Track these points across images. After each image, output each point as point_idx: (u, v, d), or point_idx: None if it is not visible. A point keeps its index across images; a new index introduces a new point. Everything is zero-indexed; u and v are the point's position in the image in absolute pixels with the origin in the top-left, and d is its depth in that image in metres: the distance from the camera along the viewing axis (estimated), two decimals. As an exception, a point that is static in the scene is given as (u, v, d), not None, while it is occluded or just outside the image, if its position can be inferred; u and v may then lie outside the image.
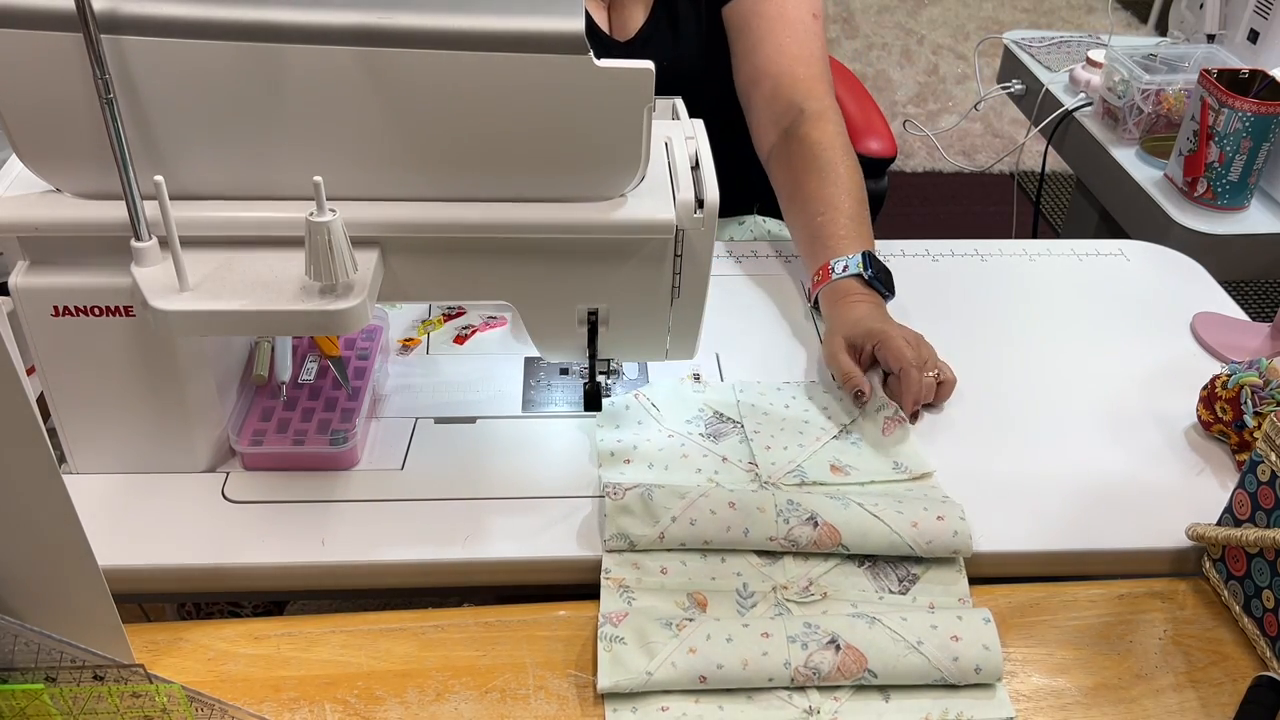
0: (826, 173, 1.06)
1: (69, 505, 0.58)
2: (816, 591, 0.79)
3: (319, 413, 0.89)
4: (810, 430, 0.93)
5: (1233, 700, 0.73)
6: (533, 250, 0.79)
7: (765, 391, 0.97)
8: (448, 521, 0.83)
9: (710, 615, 0.76)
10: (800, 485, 0.87)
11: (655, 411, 0.94)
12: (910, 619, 0.74)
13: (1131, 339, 1.07)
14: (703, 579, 0.79)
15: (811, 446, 0.91)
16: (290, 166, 0.73)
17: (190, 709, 0.61)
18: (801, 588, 0.79)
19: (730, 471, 0.88)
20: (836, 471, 0.88)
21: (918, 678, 0.72)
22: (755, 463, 0.89)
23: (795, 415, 0.94)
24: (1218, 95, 1.36)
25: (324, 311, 0.71)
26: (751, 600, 0.78)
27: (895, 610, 0.76)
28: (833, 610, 0.78)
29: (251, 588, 0.83)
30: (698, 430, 0.92)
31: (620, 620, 0.74)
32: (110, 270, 0.75)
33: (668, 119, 0.87)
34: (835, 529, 0.80)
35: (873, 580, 0.80)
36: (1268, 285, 2.51)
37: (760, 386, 0.98)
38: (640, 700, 0.71)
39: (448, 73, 0.69)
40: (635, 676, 0.71)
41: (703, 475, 0.87)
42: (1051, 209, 2.84)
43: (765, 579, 0.79)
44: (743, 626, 0.74)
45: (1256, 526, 0.77)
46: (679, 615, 0.75)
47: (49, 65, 0.68)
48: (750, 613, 0.77)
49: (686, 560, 0.80)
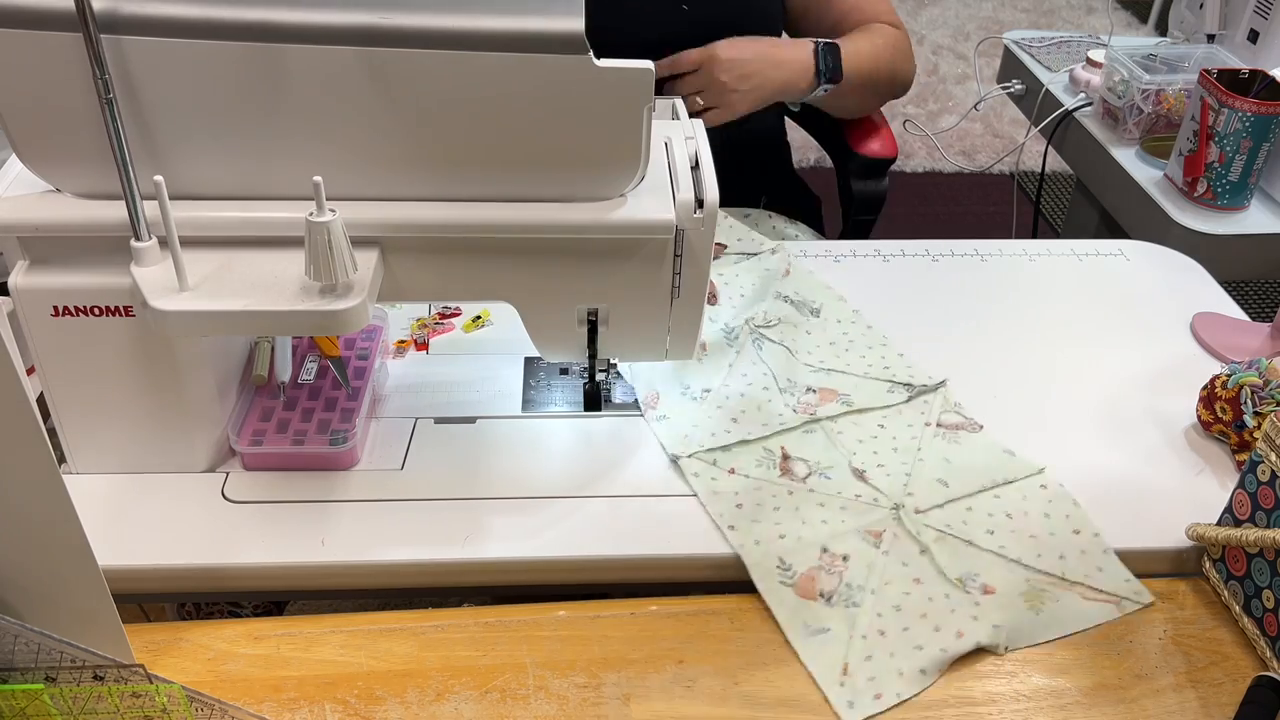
0: (869, 30, 1.25)
1: (69, 505, 0.58)
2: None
3: (319, 413, 0.89)
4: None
5: (1233, 700, 0.73)
6: (533, 250, 0.79)
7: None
8: (448, 521, 0.83)
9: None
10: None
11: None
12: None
13: (1131, 339, 1.06)
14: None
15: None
16: (290, 166, 0.73)
17: (190, 709, 0.61)
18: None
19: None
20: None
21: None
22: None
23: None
24: (1218, 95, 1.35)
25: (324, 311, 0.71)
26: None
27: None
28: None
29: (251, 588, 0.84)
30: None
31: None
32: (110, 270, 0.75)
33: (668, 119, 0.87)
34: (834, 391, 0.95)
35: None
36: (1268, 285, 2.51)
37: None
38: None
39: (448, 73, 0.69)
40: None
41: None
42: (1051, 209, 2.84)
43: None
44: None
45: (1256, 526, 0.77)
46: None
47: (49, 65, 0.68)
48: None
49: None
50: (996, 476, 0.87)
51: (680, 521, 0.84)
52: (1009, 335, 1.07)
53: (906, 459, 0.89)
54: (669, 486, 0.87)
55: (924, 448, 0.90)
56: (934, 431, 0.92)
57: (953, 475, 0.87)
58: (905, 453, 0.89)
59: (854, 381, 0.97)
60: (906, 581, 0.78)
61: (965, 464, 0.88)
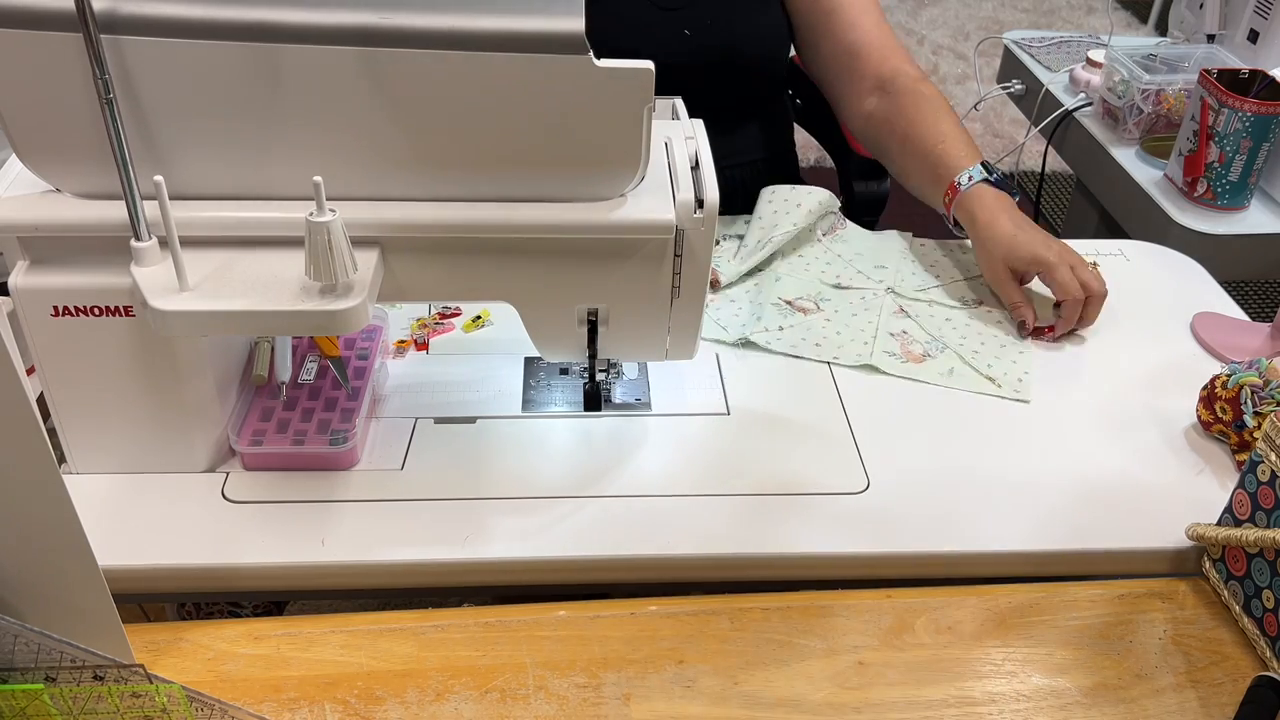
0: (939, 111, 1.17)
1: (69, 505, 0.58)
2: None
3: (319, 413, 0.89)
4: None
5: (1233, 700, 0.73)
6: (533, 250, 0.79)
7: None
8: (448, 521, 0.83)
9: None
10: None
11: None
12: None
13: (1131, 339, 1.06)
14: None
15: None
16: (290, 166, 0.73)
17: (190, 709, 0.61)
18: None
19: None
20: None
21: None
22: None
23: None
24: (1218, 95, 1.35)
25: (324, 311, 0.71)
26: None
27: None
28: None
29: (251, 588, 0.83)
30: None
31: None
32: (110, 270, 0.75)
33: (668, 119, 0.87)
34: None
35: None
36: (1268, 285, 2.51)
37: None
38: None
39: (448, 73, 0.69)
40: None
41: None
42: (1051, 209, 2.84)
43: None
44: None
45: (1256, 526, 0.77)
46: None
47: (49, 65, 0.68)
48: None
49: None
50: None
51: (680, 521, 0.84)
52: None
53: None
54: (669, 486, 0.87)
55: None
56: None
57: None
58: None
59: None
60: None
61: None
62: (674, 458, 0.90)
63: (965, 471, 0.90)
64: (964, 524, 0.85)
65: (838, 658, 0.75)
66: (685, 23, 1.20)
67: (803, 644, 0.76)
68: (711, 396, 0.97)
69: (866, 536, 0.83)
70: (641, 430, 0.93)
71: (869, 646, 0.76)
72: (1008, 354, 1.04)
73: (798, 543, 0.83)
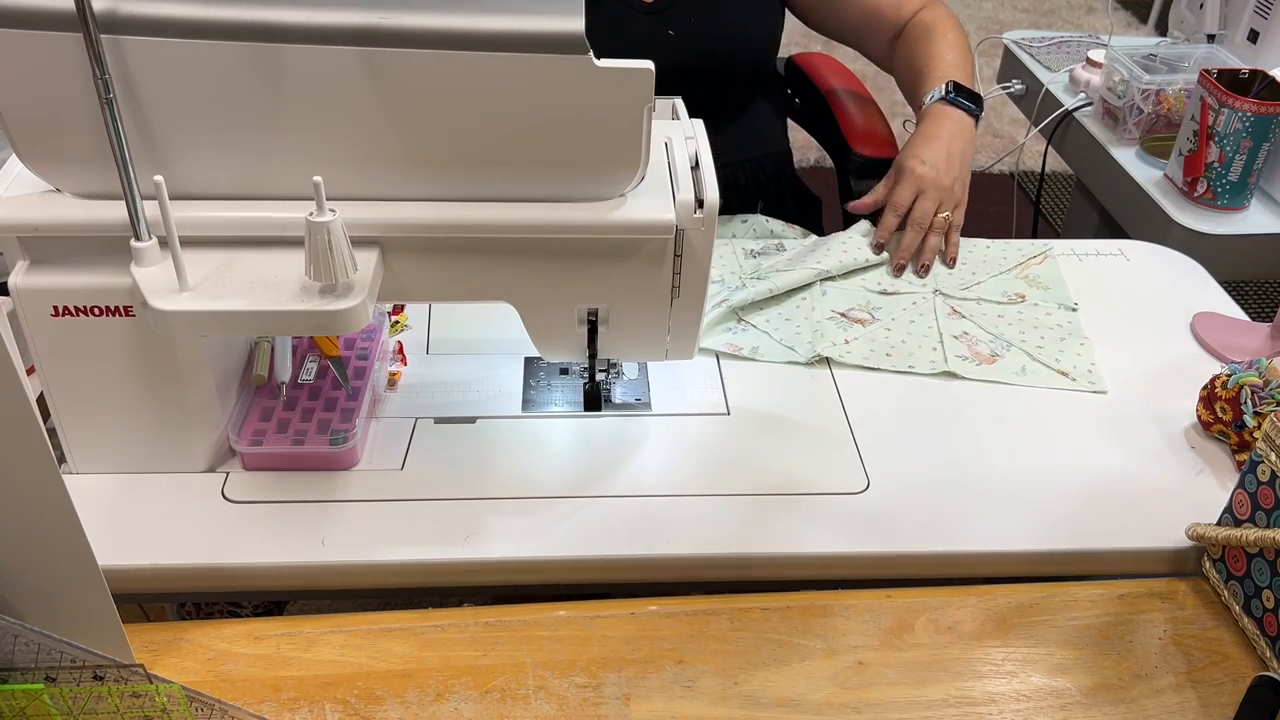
0: (936, 36, 1.23)
1: (69, 505, 0.58)
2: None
3: (319, 413, 0.89)
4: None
5: (1233, 700, 0.73)
6: (533, 250, 0.79)
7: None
8: (448, 521, 0.83)
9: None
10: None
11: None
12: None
13: (1131, 339, 1.06)
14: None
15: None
16: (290, 166, 0.73)
17: (190, 709, 0.61)
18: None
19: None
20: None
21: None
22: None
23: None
24: (1218, 95, 1.35)
25: (324, 311, 0.71)
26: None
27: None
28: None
29: (251, 588, 0.83)
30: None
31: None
32: (110, 270, 0.75)
33: (668, 119, 0.87)
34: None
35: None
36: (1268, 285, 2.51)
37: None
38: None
39: (448, 73, 0.69)
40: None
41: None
42: (1051, 209, 2.84)
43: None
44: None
45: (1256, 526, 0.77)
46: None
47: (49, 65, 0.68)
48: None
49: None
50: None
51: (680, 521, 0.84)
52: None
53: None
54: (669, 486, 0.87)
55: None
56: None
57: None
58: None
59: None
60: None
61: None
62: (674, 458, 0.90)
63: (965, 471, 0.90)
64: (964, 524, 0.85)
65: (838, 658, 0.75)
66: (669, 23, 1.20)
67: (803, 644, 0.76)
68: (711, 396, 0.97)
69: (866, 536, 0.83)
70: (641, 430, 0.93)
71: (869, 646, 0.76)
72: (1070, 347, 1.04)
73: (798, 543, 0.83)
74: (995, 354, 1.03)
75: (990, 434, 0.94)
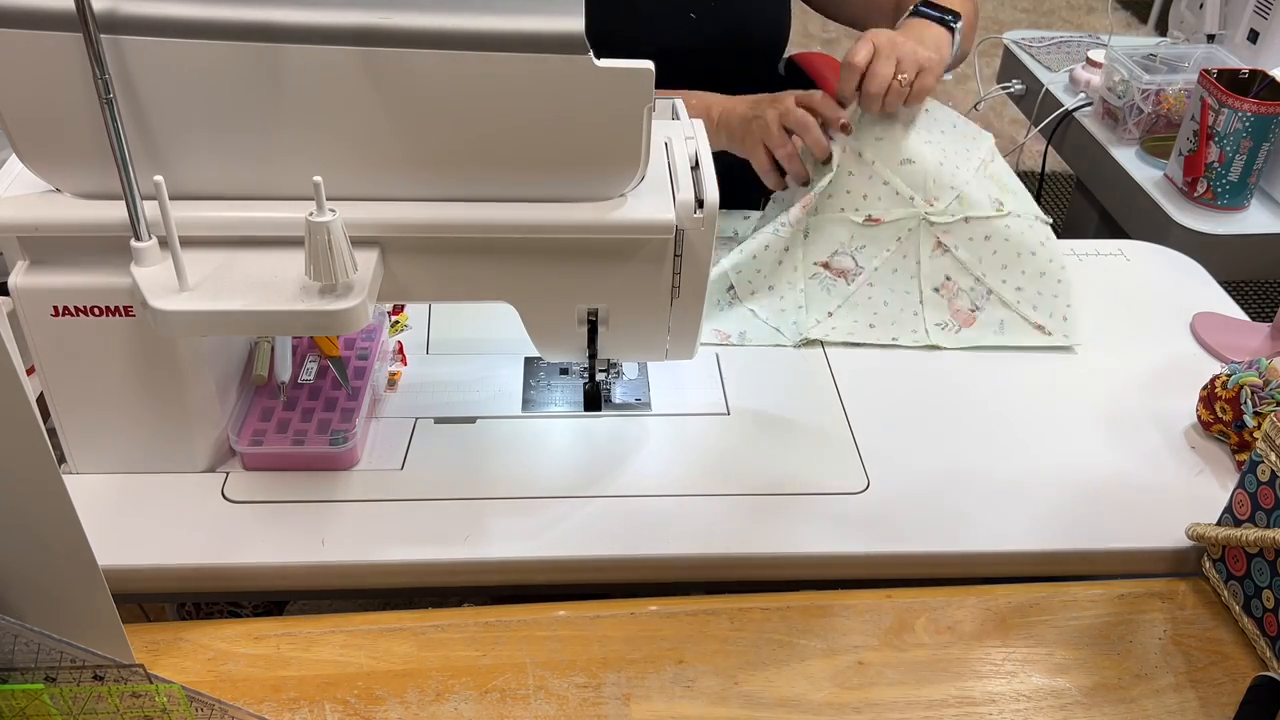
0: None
1: (69, 505, 0.58)
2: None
3: (319, 413, 0.89)
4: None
5: (1233, 700, 0.73)
6: (533, 250, 0.79)
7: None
8: (448, 521, 0.83)
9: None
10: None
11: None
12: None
13: (1131, 339, 1.06)
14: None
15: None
16: (290, 166, 0.73)
17: (190, 709, 0.61)
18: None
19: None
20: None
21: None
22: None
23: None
24: (1218, 95, 1.35)
25: (324, 311, 0.70)
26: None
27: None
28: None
29: (251, 588, 0.83)
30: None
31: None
32: (110, 270, 0.75)
33: (668, 119, 0.87)
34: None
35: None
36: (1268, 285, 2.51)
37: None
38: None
39: (447, 73, 0.69)
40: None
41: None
42: (1051, 209, 2.84)
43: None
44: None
45: (1256, 526, 0.77)
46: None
47: (49, 65, 0.68)
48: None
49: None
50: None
51: (680, 521, 0.84)
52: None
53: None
54: (669, 486, 0.87)
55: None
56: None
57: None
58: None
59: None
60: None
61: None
62: (674, 458, 0.90)
63: (965, 471, 0.90)
64: (964, 524, 0.85)
65: (838, 658, 0.75)
66: (690, 5, 1.20)
67: (803, 644, 0.76)
68: (711, 396, 0.97)
69: (866, 536, 0.83)
70: (641, 430, 0.93)
71: (869, 646, 0.76)
72: (1048, 285, 1.05)
73: (798, 543, 0.83)
74: (975, 307, 1.04)
75: (990, 434, 0.94)
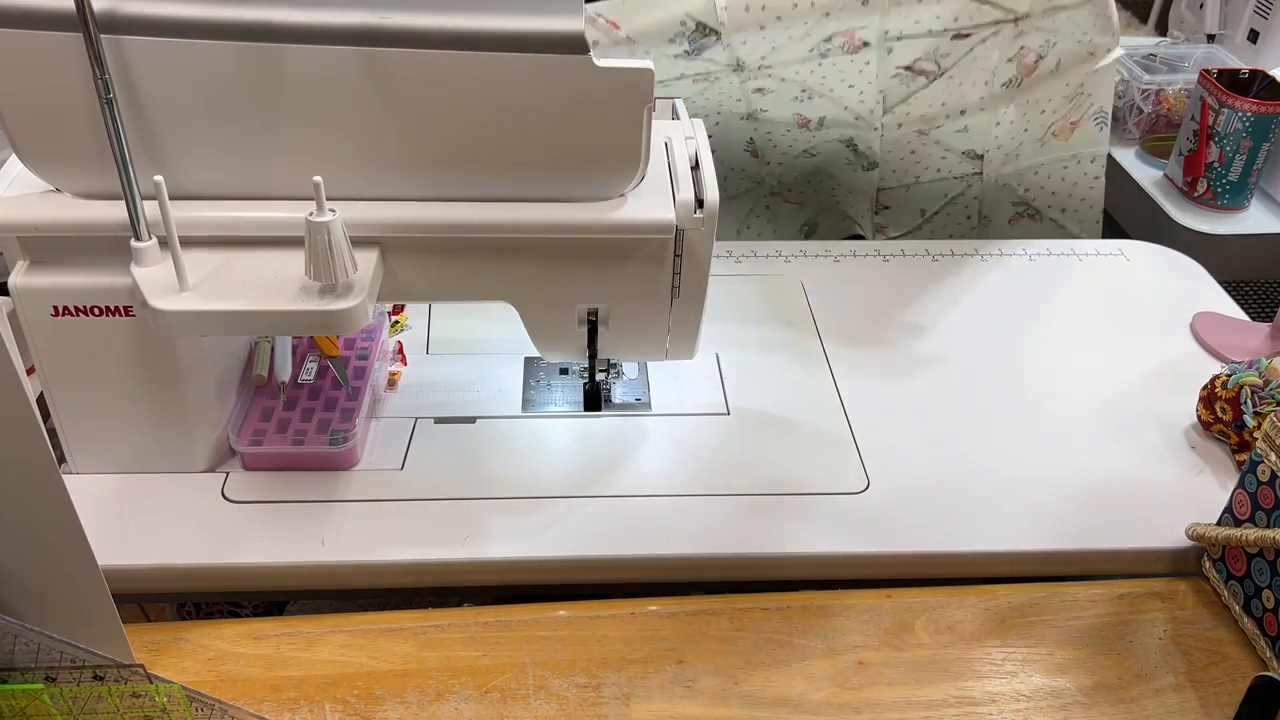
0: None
1: (69, 505, 0.58)
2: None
3: (319, 413, 0.89)
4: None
5: (1233, 700, 0.73)
6: (533, 250, 0.79)
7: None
8: (448, 521, 0.83)
9: None
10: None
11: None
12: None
13: (1131, 339, 1.06)
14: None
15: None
16: (290, 166, 0.73)
17: (190, 709, 0.61)
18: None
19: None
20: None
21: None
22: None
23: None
24: (1218, 95, 1.35)
25: (324, 311, 0.71)
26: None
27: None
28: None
29: (251, 588, 0.83)
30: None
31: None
32: (110, 270, 0.75)
33: (668, 119, 0.87)
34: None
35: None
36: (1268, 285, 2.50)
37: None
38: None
39: (448, 73, 0.69)
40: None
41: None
42: (1051, 209, 2.84)
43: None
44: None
45: (1256, 526, 0.77)
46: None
47: (49, 65, 0.68)
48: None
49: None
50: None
51: (680, 521, 0.84)
52: (1009, 335, 1.07)
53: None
54: (669, 486, 0.87)
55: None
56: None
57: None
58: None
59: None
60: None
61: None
62: (674, 458, 0.90)
63: (965, 471, 0.90)
64: (964, 524, 0.85)
65: (838, 658, 0.76)
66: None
67: (803, 644, 0.76)
68: (711, 396, 0.97)
69: (866, 536, 0.83)
70: (641, 430, 0.93)
71: (869, 646, 0.76)
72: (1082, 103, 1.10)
73: (798, 543, 0.83)
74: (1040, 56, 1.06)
75: (990, 434, 0.94)
